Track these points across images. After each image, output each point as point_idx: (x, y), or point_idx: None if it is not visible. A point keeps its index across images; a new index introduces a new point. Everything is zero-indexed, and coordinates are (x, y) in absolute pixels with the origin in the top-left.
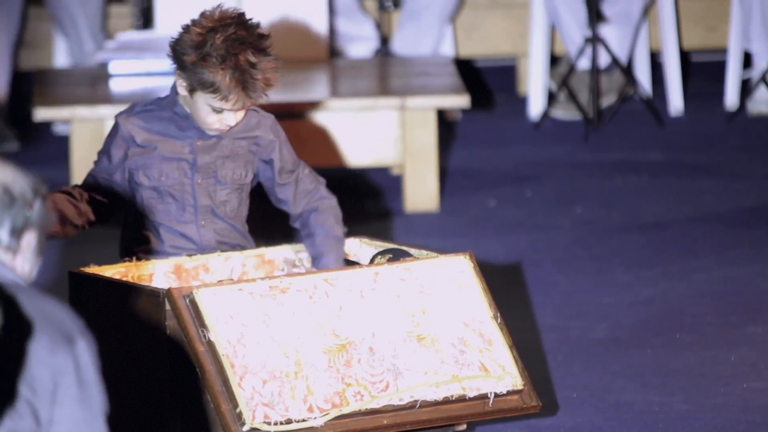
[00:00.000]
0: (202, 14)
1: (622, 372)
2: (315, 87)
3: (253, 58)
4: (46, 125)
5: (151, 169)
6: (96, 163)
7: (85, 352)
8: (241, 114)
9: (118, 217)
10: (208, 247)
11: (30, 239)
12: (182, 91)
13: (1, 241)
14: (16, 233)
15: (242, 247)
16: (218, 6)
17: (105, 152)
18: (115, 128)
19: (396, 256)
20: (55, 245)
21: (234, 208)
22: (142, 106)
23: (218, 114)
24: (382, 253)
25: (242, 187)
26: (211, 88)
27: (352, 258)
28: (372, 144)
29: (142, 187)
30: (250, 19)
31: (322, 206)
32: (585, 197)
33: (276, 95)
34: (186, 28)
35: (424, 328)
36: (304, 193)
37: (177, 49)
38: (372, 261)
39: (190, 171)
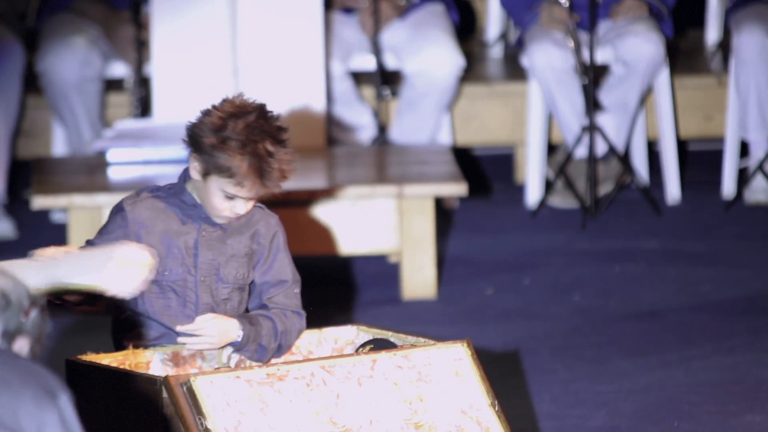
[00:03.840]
0: (224, 100)
1: None
2: (312, 175)
3: (271, 148)
4: (44, 213)
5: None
6: (91, 242)
7: (68, 405)
8: (250, 204)
9: (109, 306)
10: None
11: (22, 345)
12: (195, 174)
13: None
14: (8, 336)
15: None
16: (240, 94)
17: (105, 235)
18: (121, 214)
19: (377, 346)
20: (51, 333)
21: (234, 307)
22: (149, 192)
23: (230, 201)
24: (363, 345)
25: (244, 287)
26: (228, 172)
27: (349, 346)
28: (369, 232)
29: None
30: (271, 111)
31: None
32: (583, 285)
33: None
34: (207, 112)
35: (422, 416)
36: (279, 302)
37: (195, 132)
38: (356, 352)
39: (193, 268)
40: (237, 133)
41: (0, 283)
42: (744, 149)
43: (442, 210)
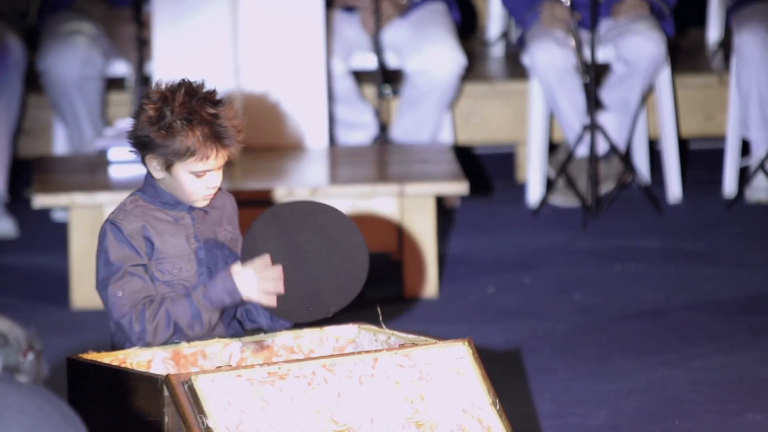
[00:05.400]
0: (147, 94)
1: None
2: (314, 173)
3: (212, 110)
4: (45, 212)
5: (165, 263)
6: (117, 269)
7: None
8: (220, 173)
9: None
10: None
11: None
12: (158, 174)
13: None
14: (8, 371)
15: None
16: (157, 83)
17: (130, 254)
18: (118, 233)
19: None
20: (52, 331)
21: None
22: (131, 203)
23: (201, 179)
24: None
25: None
26: (189, 152)
27: (351, 344)
28: (371, 230)
29: (154, 281)
30: (194, 80)
31: None
32: (584, 284)
33: (275, 182)
34: (138, 112)
35: (423, 415)
36: None
37: (139, 135)
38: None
39: (196, 260)
40: (177, 114)
41: None
42: (745, 148)
43: (443, 209)
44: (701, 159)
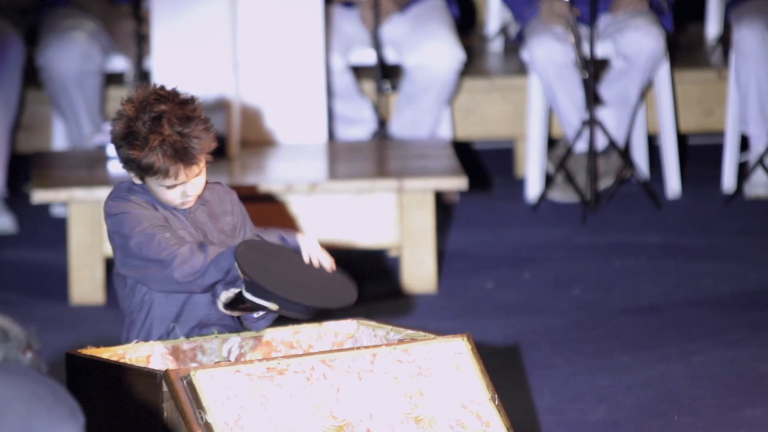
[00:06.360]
0: (124, 103)
1: None
2: (313, 169)
3: (179, 127)
4: (44, 207)
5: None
6: (152, 222)
7: (83, 428)
8: (199, 180)
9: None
10: (221, 324)
11: None
12: (137, 181)
13: None
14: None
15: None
16: (138, 87)
17: (144, 216)
18: (127, 201)
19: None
20: (51, 327)
21: None
22: (127, 192)
23: (175, 189)
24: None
25: None
26: (151, 170)
27: (349, 340)
28: (370, 226)
29: None
30: (170, 90)
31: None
32: (583, 279)
33: (274, 177)
34: (114, 123)
35: (422, 410)
36: None
37: (115, 146)
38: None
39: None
40: (139, 133)
41: None
42: (744, 143)
43: (442, 204)
44: (700, 154)
